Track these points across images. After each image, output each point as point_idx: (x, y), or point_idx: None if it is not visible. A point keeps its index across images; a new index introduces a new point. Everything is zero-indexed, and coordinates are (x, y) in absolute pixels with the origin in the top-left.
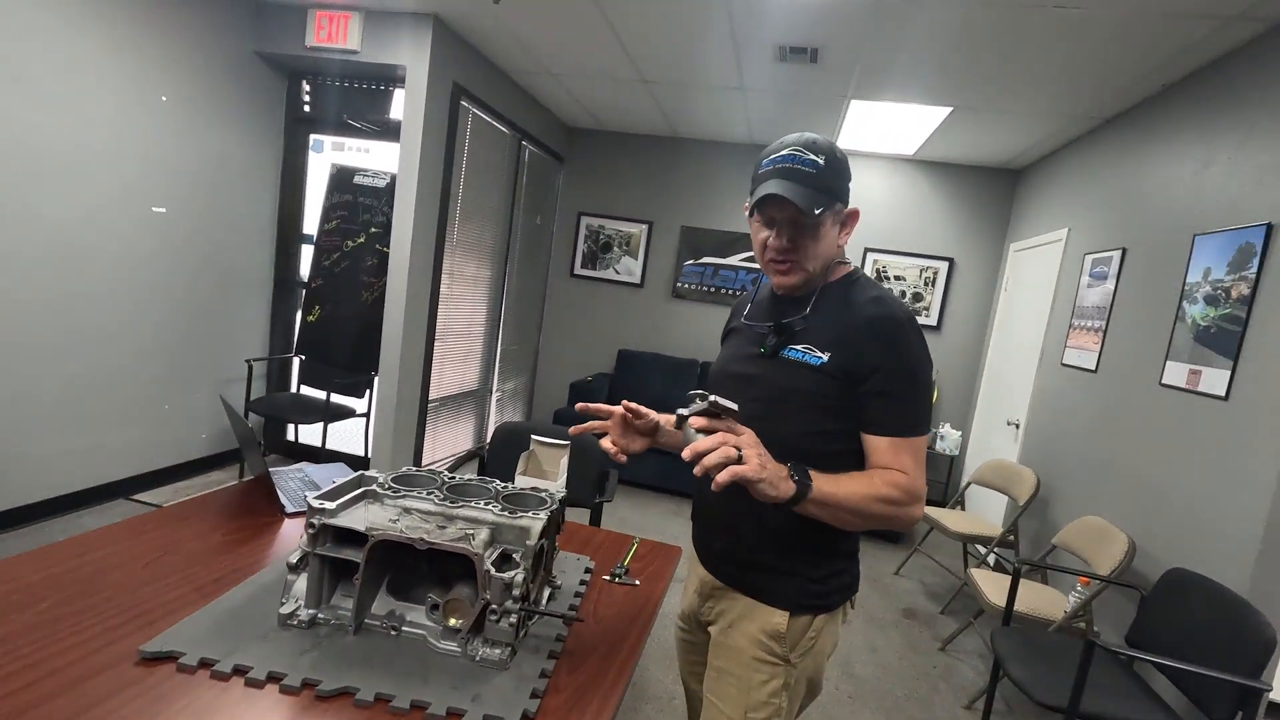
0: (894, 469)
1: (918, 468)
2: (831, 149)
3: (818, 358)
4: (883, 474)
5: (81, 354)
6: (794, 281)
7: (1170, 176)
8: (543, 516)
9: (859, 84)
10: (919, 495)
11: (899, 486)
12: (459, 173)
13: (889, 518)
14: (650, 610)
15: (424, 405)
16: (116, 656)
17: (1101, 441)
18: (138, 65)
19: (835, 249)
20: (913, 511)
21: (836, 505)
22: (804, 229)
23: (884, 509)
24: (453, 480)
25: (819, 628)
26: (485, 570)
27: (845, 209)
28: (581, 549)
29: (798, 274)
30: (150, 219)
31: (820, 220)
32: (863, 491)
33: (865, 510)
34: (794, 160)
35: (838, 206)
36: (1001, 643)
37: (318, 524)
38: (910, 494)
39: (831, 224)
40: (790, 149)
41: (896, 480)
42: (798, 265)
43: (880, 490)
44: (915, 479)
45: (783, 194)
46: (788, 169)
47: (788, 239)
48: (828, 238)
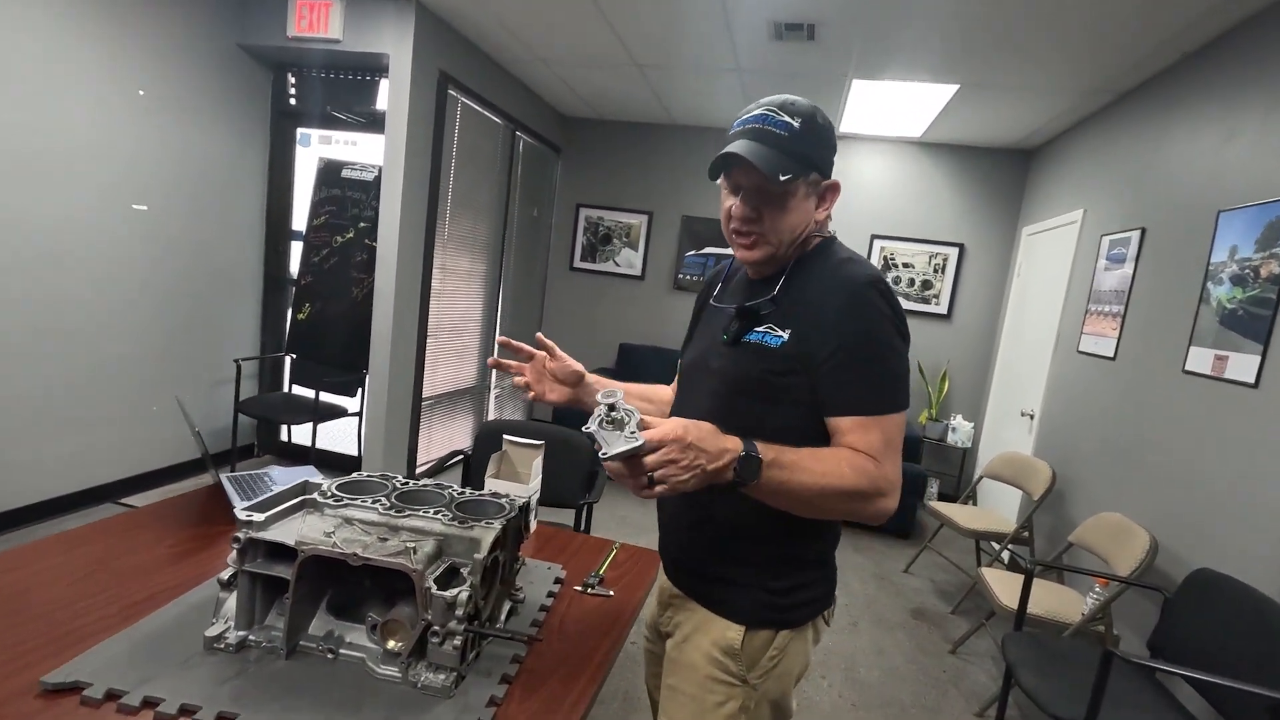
0: (862, 452)
1: (889, 452)
2: (812, 113)
3: (777, 337)
4: (851, 458)
5: (63, 356)
6: (757, 257)
7: (1192, 151)
8: (496, 526)
9: (860, 62)
10: (890, 486)
11: (867, 475)
12: (449, 164)
13: (852, 511)
14: (623, 623)
15: (417, 404)
16: (18, 689)
17: (1120, 433)
18: (113, 58)
19: (809, 224)
20: (882, 505)
21: (788, 495)
22: (771, 197)
23: (847, 504)
24: (405, 487)
25: (782, 646)
26: (425, 588)
27: (824, 181)
28: (555, 556)
29: (761, 248)
30: (131, 217)
31: (789, 189)
32: (823, 482)
33: (824, 504)
34: (765, 121)
35: (813, 177)
36: (1013, 648)
37: (244, 537)
38: (879, 485)
39: (805, 195)
40: (764, 108)
41: (864, 467)
42: (762, 239)
43: (846, 481)
44: (886, 466)
45: (744, 155)
46: (757, 130)
47: (752, 207)
48: (799, 210)
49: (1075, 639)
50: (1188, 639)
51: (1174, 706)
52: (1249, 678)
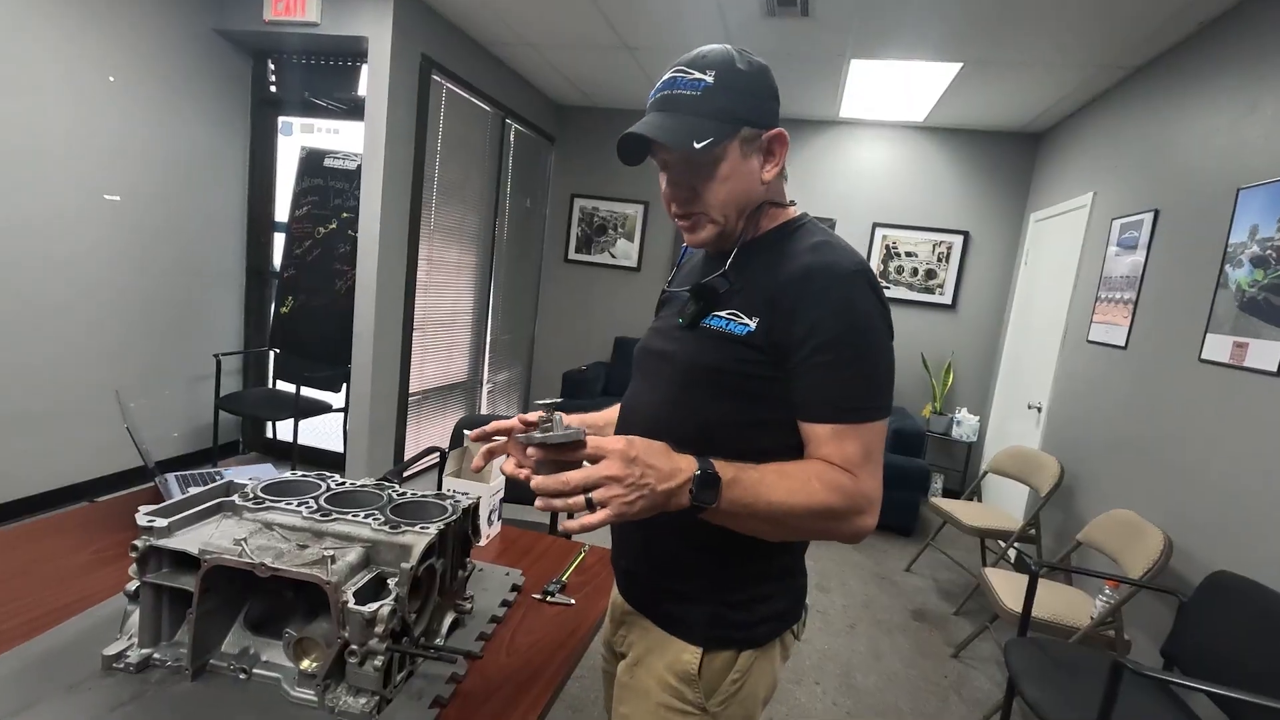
0: (837, 465)
1: (869, 465)
2: (729, 59)
3: (743, 325)
4: (824, 472)
5: (31, 353)
6: (703, 238)
7: (1208, 127)
8: (431, 531)
9: (858, 39)
10: (869, 503)
11: (842, 492)
12: (433, 153)
13: (825, 531)
14: (582, 635)
15: (404, 399)
16: None
17: (1133, 425)
18: (81, 44)
19: (757, 187)
20: (859, 524)
21: (751, 517)
22: (699, 169)
23: (820, 524)
24: (340, 488)
25: (745, 668)
26: (342, 602)
27: (762, 133)
28: (517, 560)
29: (705, 228)
30: (103, 208)
31: (716, 154)
32: (791, 501)
33: (794, 525)
34: (674, 85)
35: (743, 132)
36: (1016, 656)
37: (142, 545)
38: (856, 502)
39: (742, 155)
40: (672, 70)
41: (839, 483)
42: (704, 217)
43: (816, 499)
44: (864, 481)
45: (644, 133)
46: (667, 98)
47: (682, 185)
48: (738, 175)
49: (1083, 645)
50: (1205, 647)
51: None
52: (1272, 691)
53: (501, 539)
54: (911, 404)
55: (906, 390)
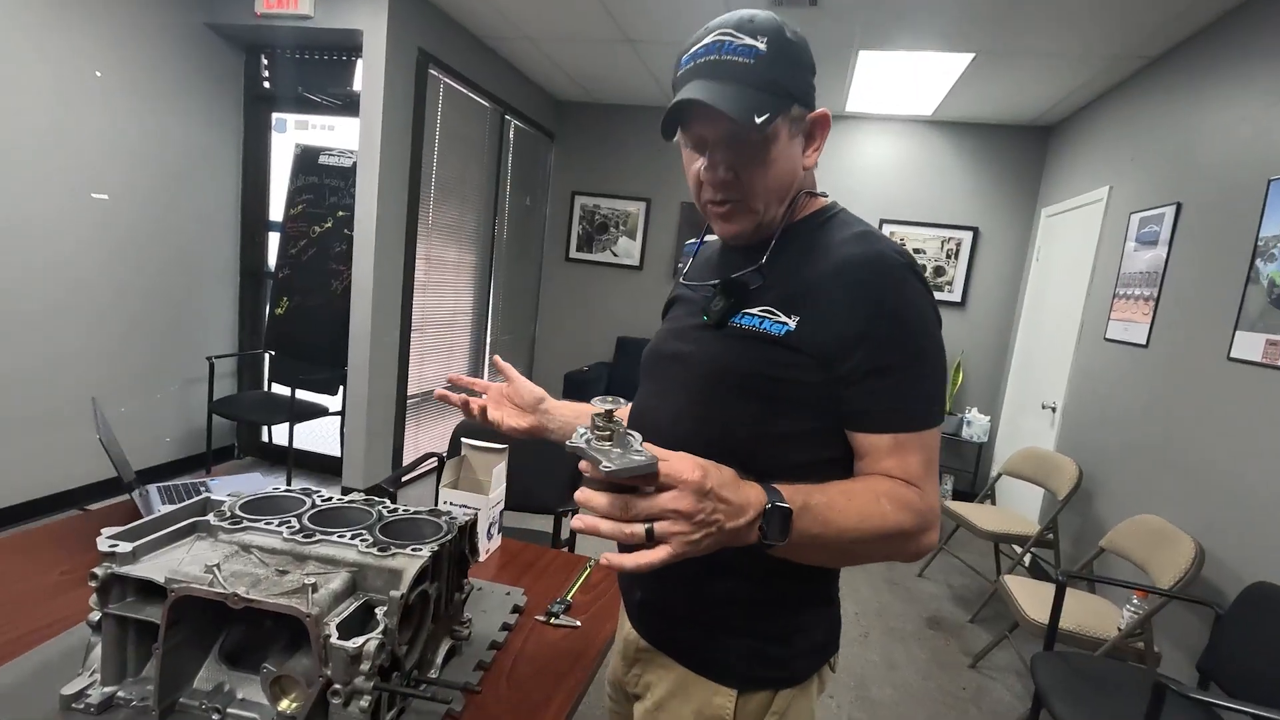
0: (900, 480)
1: (931, 477)
2: (779, 27)
3: (780, 324)
4: (891, 490)
5: (20, 355)
6: (738, 229)
7: (1234, 116)
8: (424, 553)
9: (867, 30)
10: (935, 519)
11: (912, 510)
12: (431, 149)
13: (893, 554)
14: (588, 663)
15: (402, 402)
16: None
17: (1156, 426)
18: (66, 37)
19: (799, 174)
20: (926, 542)
21: (823, 547)
22: (747, 150)
23: (890, 547)
24: (326, 504)
25: (782, 709)
26: (324, 636)
27: (808, 113)
28: (518, 577)
29: (743, 218)
30: (91, 207)
31: (770, 135)
32: (863, 527)
33: (862, 552)
34: (723, 49)
35: (794, 110)
36: (1044, 671)
37: (103, 573)
38: (926, 519)
39: (789, 138)
40: (717, 33)
41: (908, 500)
42: (743, 205)
43: (889, 522)
44: (929, 494)
45: (704, 99)
46: (714, 63)
47: (725, 167)
48: (784, 159)
49: (1112, 659)
50: (1245, 664)
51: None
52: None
53: (502, 553)
54: None
55: None
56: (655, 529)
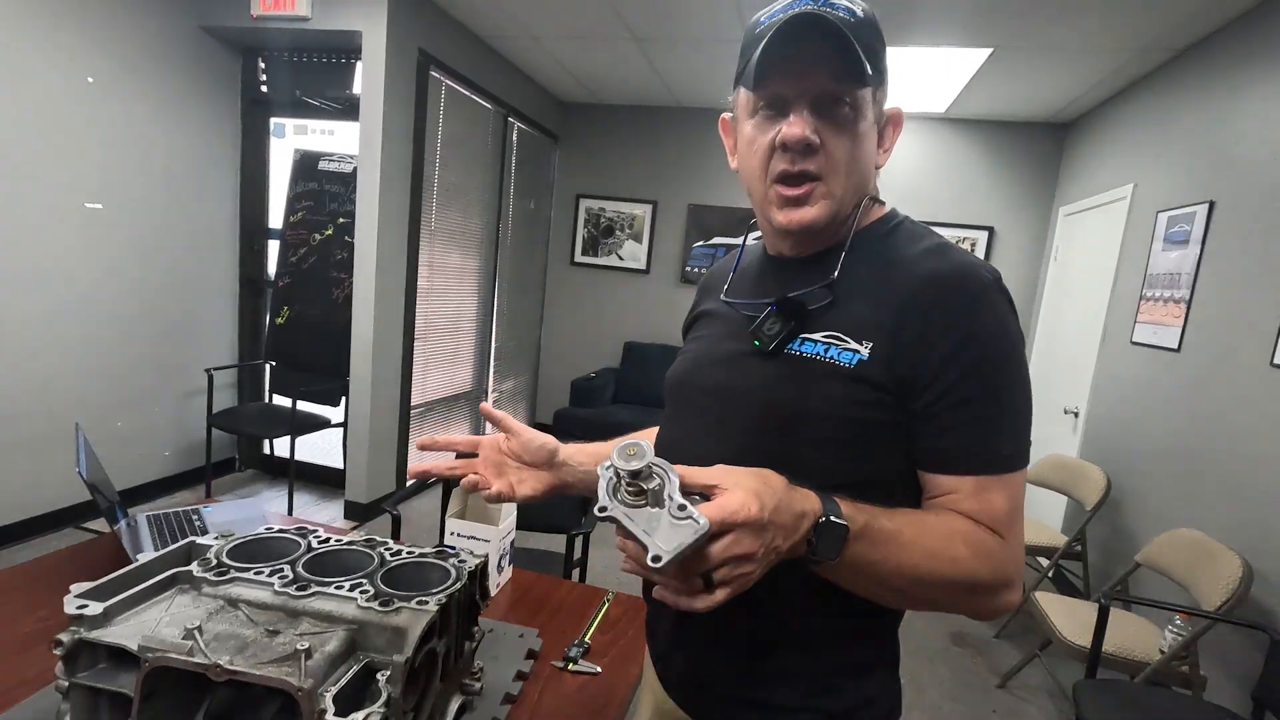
0: (983, 524)
1: (1016, 525)
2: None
3: (851, 352)
4: (970, 533)
5: (14, 372)
6: (813, 215)
7: (1273, 109)
8: (430, 607)
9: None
10: (1019, 572)
11: (992, 561)
12: (433, 153)
13: (962, 606)
14: (614, 711)
15: (405, 412)
16: None
17: (1191, 434)
18: (55, 41)
19: (873, 169)
20: (1005, 600)
21: (878, 580)
22: (837, 118)
23: (958, 597)
24: (322, 546)
25: None
26: (319, 711)
27: (888, 109)
28: (532, 616)
29: (822, 203)
30: (85, 216)
31: (860, 107)
32: (928, 567)
33: (924, 597)
34: (819, 2)
35: (880, 94)
36: (1088, 701)
37: (68, 640)
38: (1006, 573)
39: (872, 121)
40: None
41: (988, 548)
42: (822, 186)
43: (961, 569)
44: (1014, 545)
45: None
46: (810, 15)
47: (813, 128)
48: (868, 141)
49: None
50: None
51: None
52: None
53: (513, 586)
54: None
55: None
56: (715, 576)
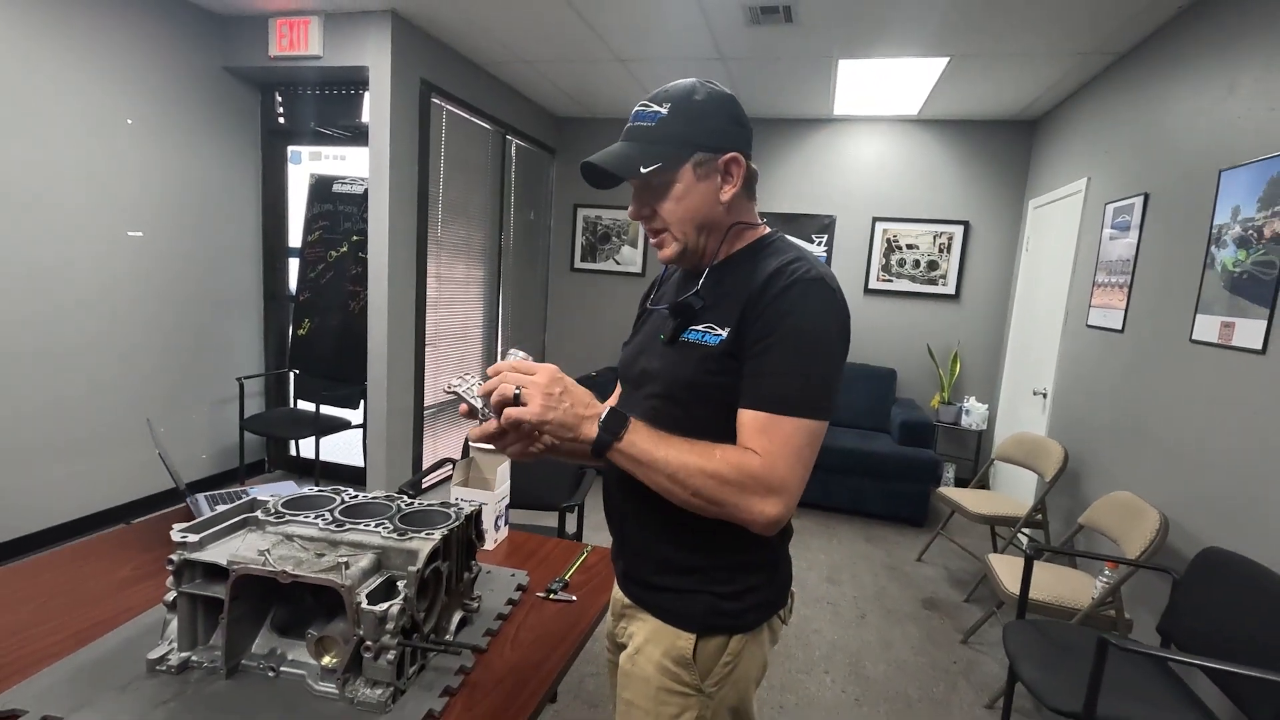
0: (747, 448)
1: (785, 456)
2: (688, 92)
3: (716, 335)
4: (731, 451)
5: (68, 383)
6: (669, 254)
7: (1192, 109)
8: (435, 536)
9: (844, 41)
10: (767, 487)
11: (736, 466)
12: (437, 173)
13: (718, 501)
14: (583, 628)
15: (419, 413)
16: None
17: (1130, 408)
18: (101, 89)
19: (715, 207)
20: (755, 506)
21: (650, 464)
22: (655, 191)
23: (711, 487)
24: (353, 500)
25: (736, 651)
26: (356, 603)
27: (717, 157)
28: (523, 562)
29: (670, 244)
30: (128, 244)
31: (667, 177)
32: (686, 459)
33: (687, 481)
34: (636, 118)
35: (696, 156)
36: (1014, 638)
37: (178, 559)
38: (749, 481)
39: (696, 178)
40: (638, 104)
41: (740, 461)
42: (667, 234)
43: (710, 463)
44: (768, 466)
45: (596, 162)
46: (630, 129)
47: (641, 205)
48: (692, 195)
49: (1084, 626)
50: (1198, 622)
51: (1185, 695)
52: (1261, 661)
53: (509, 543)
54: (920, 394)
55: (914, 381)
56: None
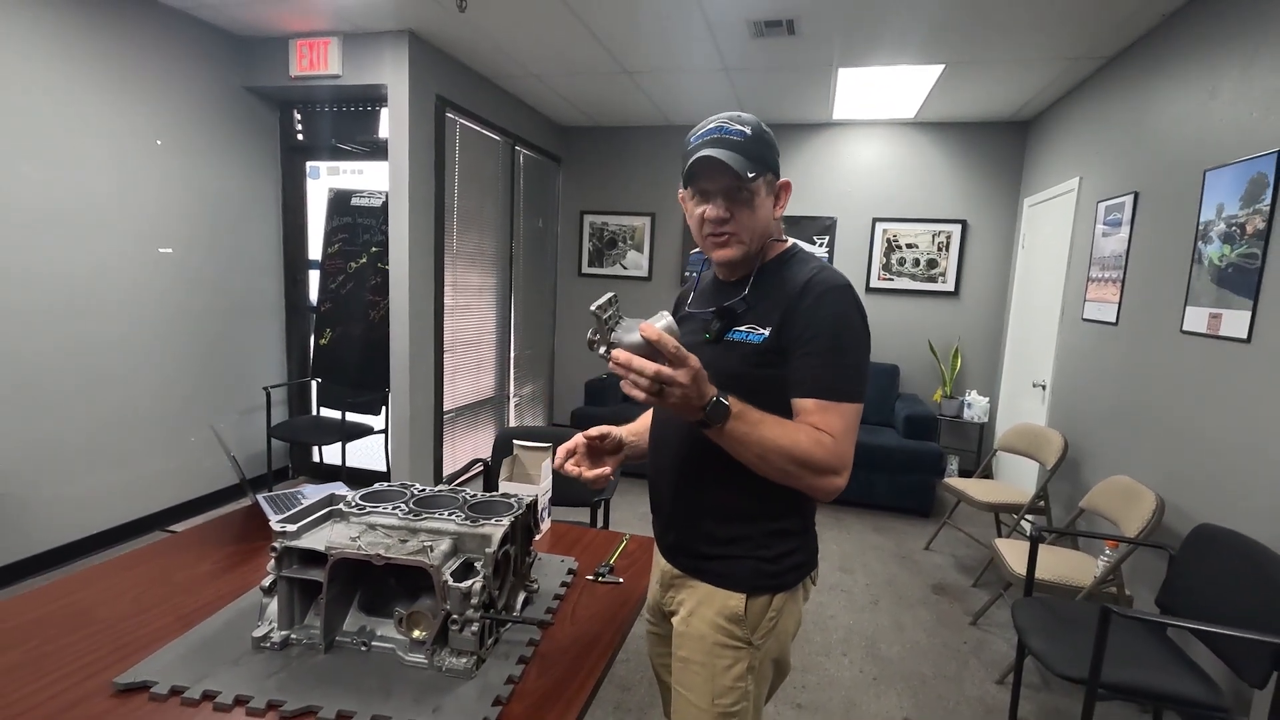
0: (823, 430)
1: (846, 436)
2: (758, 123)
3: (759, 334)
4: (811, 431)
5: (104, 395)
6: (732, 254)
7: (1177, 112)
8: (505, 522)
9: (843, 51)
10: (842, 465)
11: (823, 446)
12: (452, 184)
13: (801, 477)
14: (631, 606)
15: (439, 417)
16: (92, 690)
17: (1126, 397)
18: (131, 112)
19: (771, 222)
20: (831, 481)
21: (750, 443)
22: (739, 198)
23: (799, 469)
24: (422, 493)
25: (778, 608)
26: (443, 581)
27: (777, 180)
28: (569, 550)
29: (735, 246)
30: (159, 260)
31: (753, 188)
32: (780, 442)
33: (779, 460)
34: (723, 131)
35: (769, 176)
36: (1022, 614)
37: (280, 546)
38: (832, 461)
39: (766, 194)
40: (717, 121)
41: (822, 440)
42: (735, 237)
43: (800, 446)
44: (842, 446)
45: (717, 156)
46: (718, 139)
47: (725, 207)
48: (763, 207)
49: (1089, 602)
50: (1193, 594)
51: (1182, 660)
52: (1252, 626)
53: (552, 533)
54: (922, 389)
55: (916, 376)
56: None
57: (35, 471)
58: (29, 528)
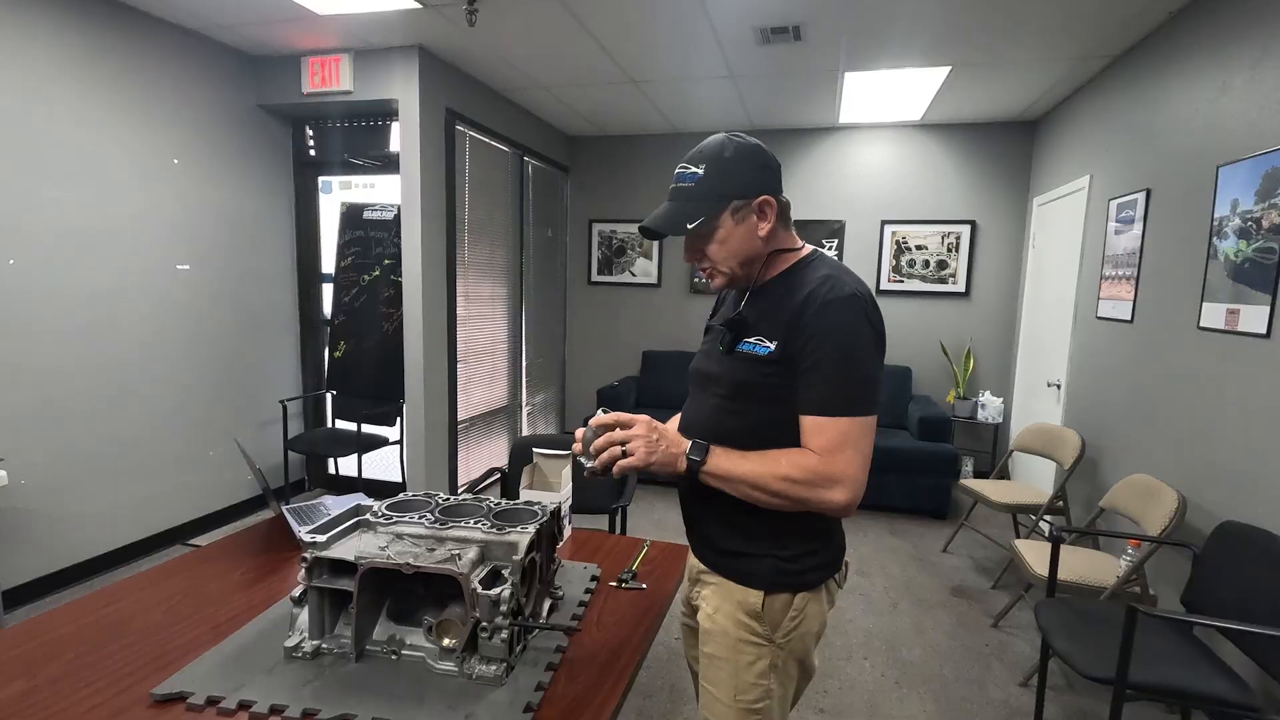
0: (808, 450)
1: (839, 451)
2: (718, 150)
3: (765, 347)
4: (791, 454)
5: (126, 412)
6: (719, 284)
7: (1187, 108)
8: (531, 530)
9: (849, 55)
10: (830, 479)
11: (801, 468)
12: (462, 196)
13: (795, 499)
14: (656, 612)
15: (453, 427)
16: (130, 701)
17: (1143, 395)
18: (147, 132)
19: (755, 242)
20: (825, 496)
21: (734, 480)
22: (701, 238)
23: (786, 488)
24: (446, 502)
25: (800, 608)
26: (472, 589)
27: (751, 200)
28: (591, 556)
29: (719, 277)
30: (177, 277)
31: (707, 228)
32: (760, 470)
33: (766, 488)
34: (678, 179)
35: (733, 205)
36: (1046, 615)
37: (310, 557)
38: (814, 478)
39: (735, 222)
40: (678, 167)
41: (801, 462)
42: (715, 269)
43: (780, 469)
44: (827, 462)
45: (649, 225)
46: (673, 190)
47: (693, 250)
48: (734, 237)
49: (1112, 602)
50: (1218, 592)
51: (1210, 659)
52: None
53: (574, 540)
54: (935, 391)
55: (929, 378)
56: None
57: (61, 488)
58: (55, 543)
